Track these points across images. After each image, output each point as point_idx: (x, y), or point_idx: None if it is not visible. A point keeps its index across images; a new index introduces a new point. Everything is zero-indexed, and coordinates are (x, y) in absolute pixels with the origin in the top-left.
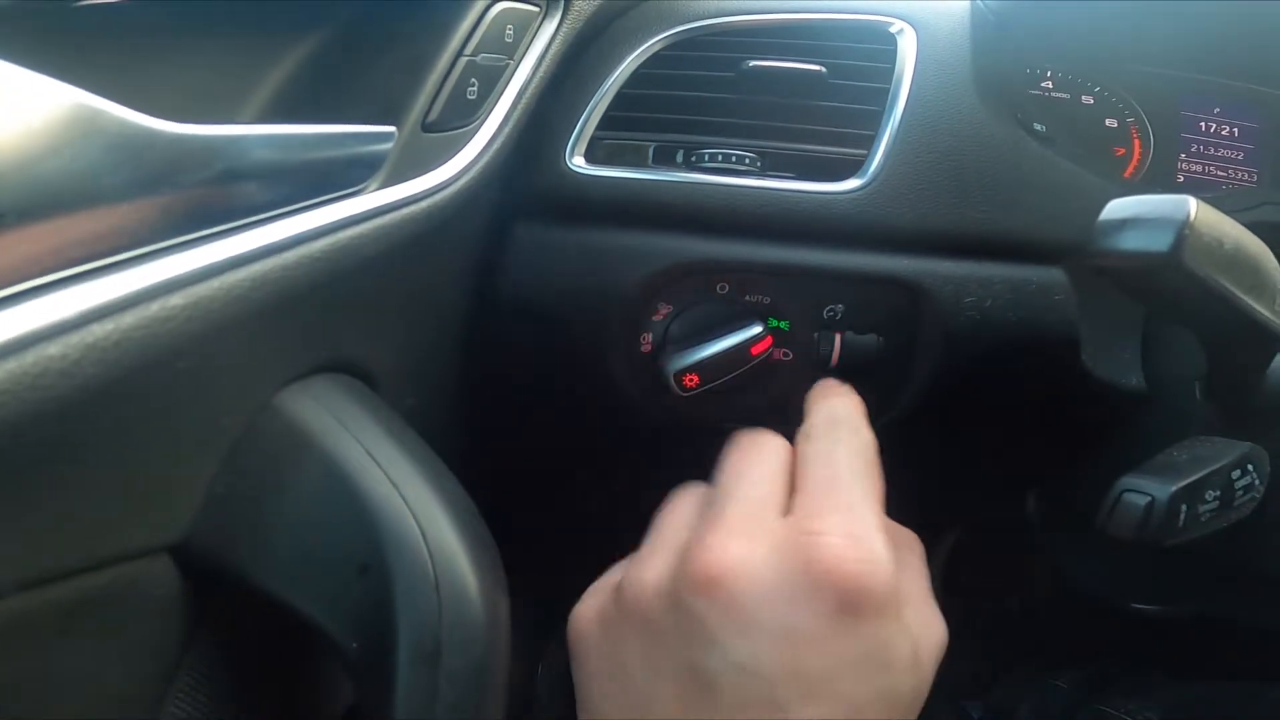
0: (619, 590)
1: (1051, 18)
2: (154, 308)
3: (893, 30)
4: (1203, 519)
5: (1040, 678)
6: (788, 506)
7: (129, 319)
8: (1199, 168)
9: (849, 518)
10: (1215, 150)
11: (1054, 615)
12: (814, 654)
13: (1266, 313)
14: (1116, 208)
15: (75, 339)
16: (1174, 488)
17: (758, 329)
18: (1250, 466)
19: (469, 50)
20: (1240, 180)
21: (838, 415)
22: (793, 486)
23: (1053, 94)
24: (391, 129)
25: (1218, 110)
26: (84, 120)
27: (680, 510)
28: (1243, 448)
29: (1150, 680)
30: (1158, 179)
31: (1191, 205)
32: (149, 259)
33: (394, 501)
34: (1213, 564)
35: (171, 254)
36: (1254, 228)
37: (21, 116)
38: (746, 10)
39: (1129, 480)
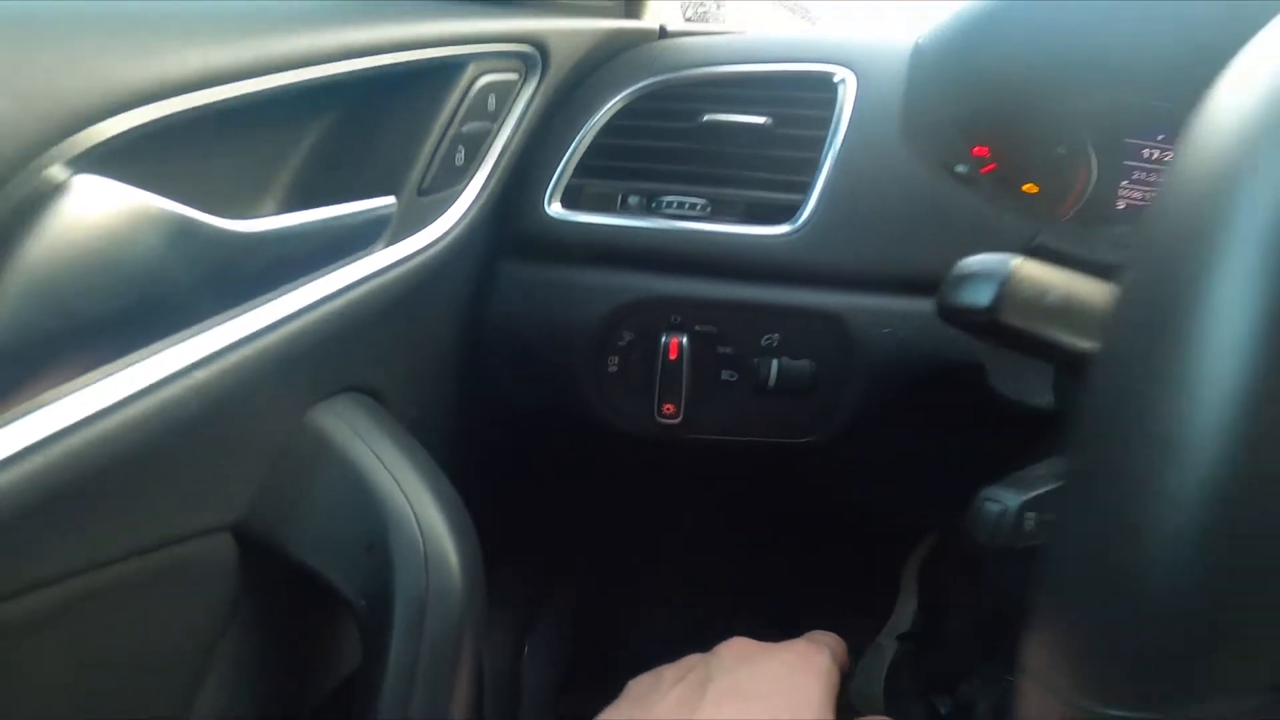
0: None
1: (984, 57)
2: (231, 358)
3: (835, 79)
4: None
5: (998, 675)
6: None
7: (216, 367)
8: (1138, 194)
9: None
10: (1156, 177)
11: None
12: None
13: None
14: (960, 264)
15: (184, 382)
16: (1023, 498)
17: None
18: None
19: (456, 122)
20: None
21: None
22: None
23: (999, 126)
24: (392, 200)
25: (1161, 137)
26: (173, 222)
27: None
28: None
29: None
30: (1097, 207)
31: (1012, 263)
32: (225, 320)
33: (395, 495)
34: None
35: (239, 316)
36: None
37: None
38: (708, 62)
39: (990, 490)
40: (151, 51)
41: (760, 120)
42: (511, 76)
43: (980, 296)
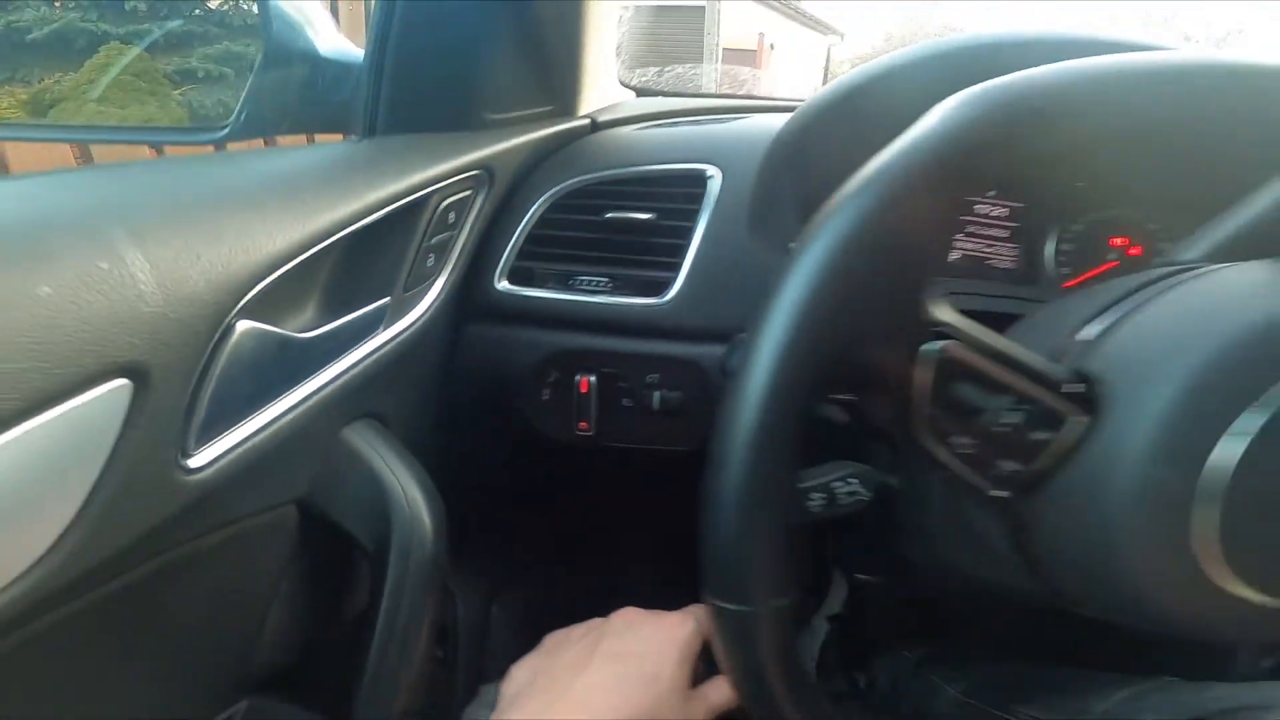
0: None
1: (819, 146)
2: (305, 404)
3: (707, 174)
4: (814, 510)
5: (898, 652)
6: None
7: (300, 409)
8: (971, 246)
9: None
10: (986, 230)
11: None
12: None
13: None
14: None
15: (287, 418)
16: (805, 484)
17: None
18: (853, 480)
19: (426, 237)
20: (1002, 256)
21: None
22: None
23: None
24: (387, 299)
25: (992, 193)
26: (274, 337)
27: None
28: (851, 468)
29: (971, 657)
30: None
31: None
32: (301, 382)
33: (392, 483)
34: (879, 548)
35: (308, 379)
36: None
37: (256, 340)
38: (613, 165)
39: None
40: (273, 230)
41: (646, 216)
42: (466, 194)
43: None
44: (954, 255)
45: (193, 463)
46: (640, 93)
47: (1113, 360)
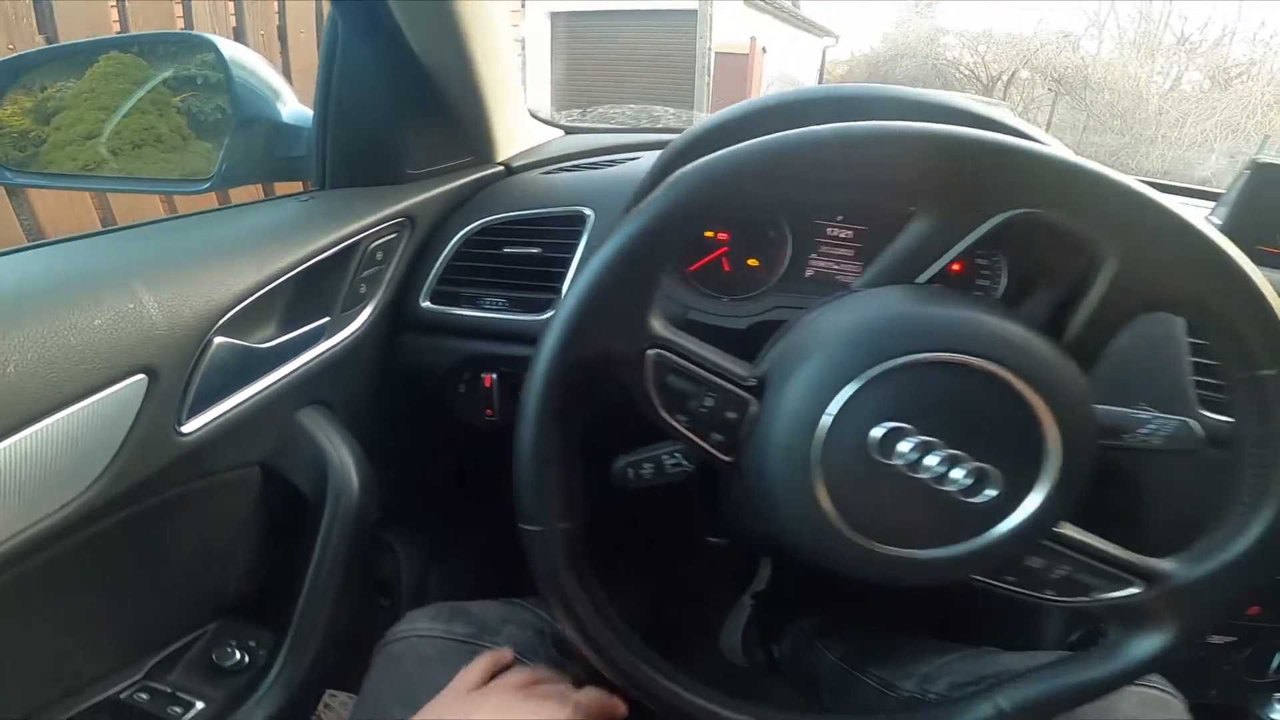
0: None
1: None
2: (268, 391)
3: (585, 215)
4: (646, 478)
5: (799, 623)
6: None
7: (265, 394)
8: (823, 264)
9: None
10: (836, 250)
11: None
12: None
13: None
14: None
15: (254, 400)
16: (624, 461)
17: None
18: (678, 454)
19: (359, 271)
20: (846, 271)
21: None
22: None
23: (729, 222)
24: (327, 318)
25: (840, 218)
26: (242, 349)
27: None
28: (678, 445)
29: (853, 629)
30: (793, 275)
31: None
32: (265, 375)
33: (331, 453)
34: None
35: (270, 373)
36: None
37: (228, 351)
38: (514, 207)
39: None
40: (239, 276)
41: (535, 250)
42: (392, 237)
43: None
44: (808, 272)
45: (185, 429)
46: (568, 130)
47: (775, 360)
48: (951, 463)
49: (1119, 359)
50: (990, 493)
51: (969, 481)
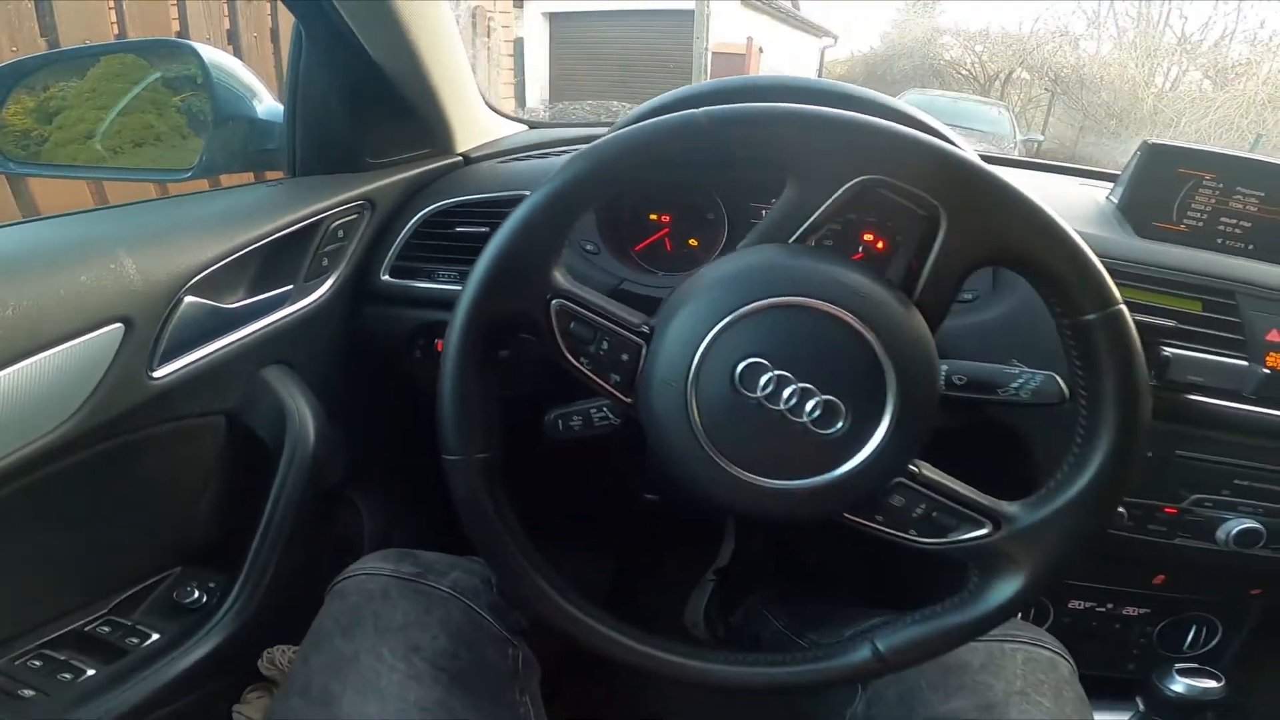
0: None
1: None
2: (235, 347)
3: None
4: (575, 430)
5: (754, 592)
6: None
7: (232, 349)
8: None
9: None
10: None
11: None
12: None
13: None
14: None
15: (221, 354)
16: (555, 413)
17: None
18: (605, 408)
19: (321, 246)
20: None
21: None
22: None
23: (669, 204)
24: (291, 286)
25: (773, 200)
26: (214, 309)
27: None
28: (605, 400)
29: (799, 599)
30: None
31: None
32: (234, 333)
33: (290, 406)
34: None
35: (238, 330)
36: None
37: (198, 310)
38: (470, 192)
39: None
40: (207, 246)
41: (484, 229)
42: (353, 218)
43: None
44: None
45: (156, 374)
46: (531, 125)
47: (663, 308)
48: (804, 395)
49: (1008, 321)
50: (839, 424)
51: (818, 413)
